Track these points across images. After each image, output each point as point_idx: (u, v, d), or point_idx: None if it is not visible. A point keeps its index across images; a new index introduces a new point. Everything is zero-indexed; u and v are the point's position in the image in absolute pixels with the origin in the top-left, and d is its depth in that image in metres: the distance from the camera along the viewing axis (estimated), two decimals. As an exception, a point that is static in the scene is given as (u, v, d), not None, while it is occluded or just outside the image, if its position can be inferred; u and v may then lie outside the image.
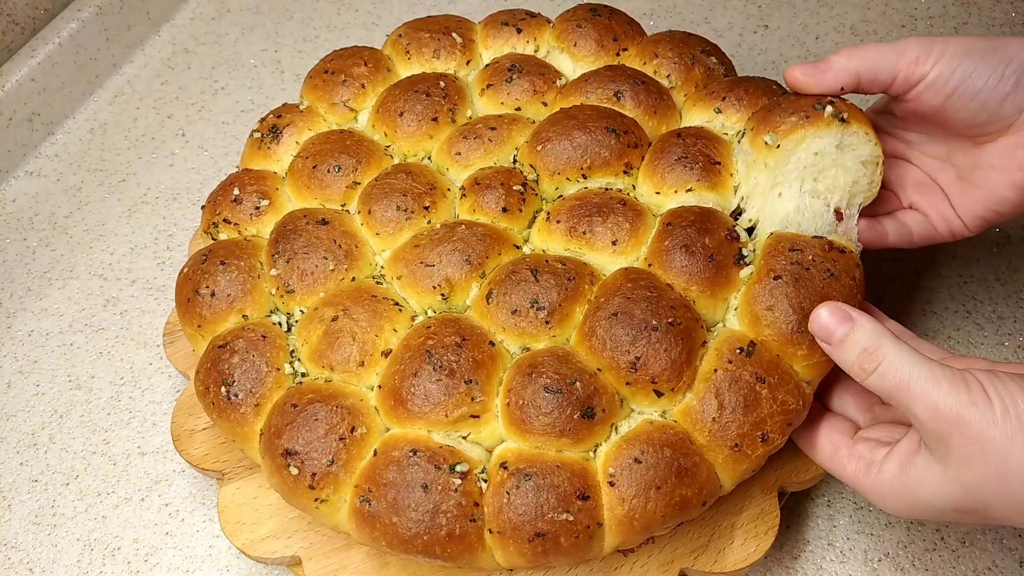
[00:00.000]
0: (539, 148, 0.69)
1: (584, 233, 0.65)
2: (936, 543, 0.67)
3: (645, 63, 0.76)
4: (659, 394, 0.58)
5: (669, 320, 0.59)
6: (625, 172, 0.69)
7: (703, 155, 0.67)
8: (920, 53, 0.60)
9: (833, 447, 0.58)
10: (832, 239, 0.63)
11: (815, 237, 0.63)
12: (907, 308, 0.80)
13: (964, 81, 0.60)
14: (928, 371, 0.51)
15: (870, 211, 0.67)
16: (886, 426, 0.59)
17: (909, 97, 0.62)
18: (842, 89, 0.63)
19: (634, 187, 0.69)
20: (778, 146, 0.63)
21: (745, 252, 0.63)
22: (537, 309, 0.61)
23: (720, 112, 0.70)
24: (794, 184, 0.63)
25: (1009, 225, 0.83)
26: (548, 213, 0.67)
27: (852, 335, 0.54)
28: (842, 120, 0.62)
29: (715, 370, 0.58)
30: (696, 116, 0.72)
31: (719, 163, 0.67)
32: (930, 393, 0.50)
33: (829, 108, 0.63)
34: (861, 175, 0.63)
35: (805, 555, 0.67)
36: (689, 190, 0.66)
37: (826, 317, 0.55)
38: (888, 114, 0.69)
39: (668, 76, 0.75)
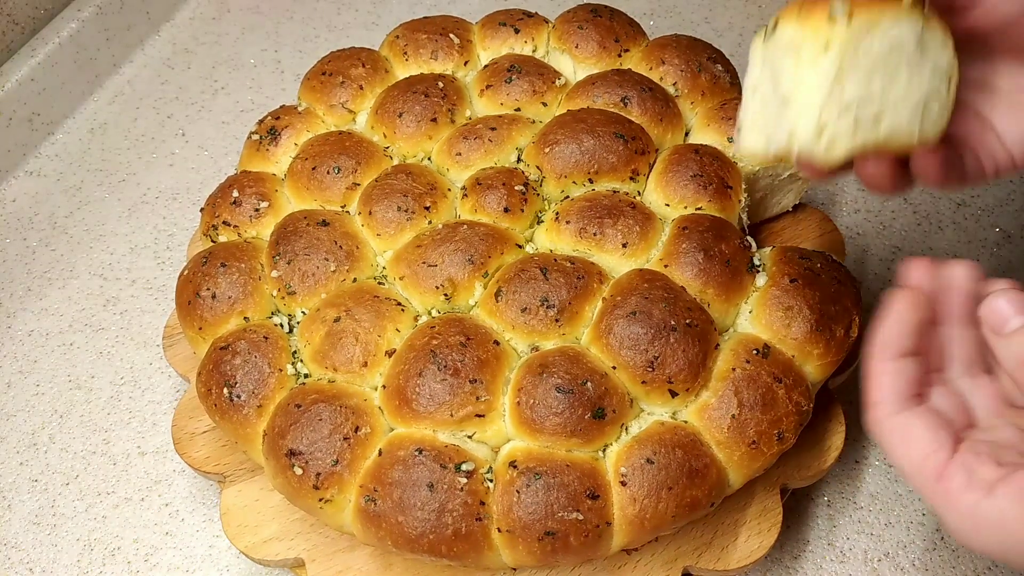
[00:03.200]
0: (547, 150, 0.69)
1: (595, 234, 0.65)
2: (936, 543, 0.67)
3: (651, 68, 0.76)
4: (674, 394, 0.59)
5: (687, 321, 0.60)
6: (631, 178, 0.69)
7: (718, 177, 0.68)
8: None
9: (931, 448, 0.47)
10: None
11: (816, 252, 0.64)
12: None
13: None
14: None
15: None
16: (1008, 429, 0.49)
17: (972, 2, 0.49)
18: None
19: (639, 193, 0.69)
20: (850, 20, 0.47)
21: (756, 261, 0.65)
22: (547, 307, 0.61)
23: (732, 142, 0.71)
24: (860, 78, 0.47)
25: (1009, 224, 0.84)
26: (557, 213, 0.67)
27: None
28: (923, 9, 0.48)
29: (733, 369, 0.59)
30: (708, 136, 0.73)
31: (731, 188, 0.68)
32: None
33: None
34: (936, 91, 0.49)
35: (805, 555, 0.67)
36: (699, 208, 0.67)
37: (1004, 305, 0.48)
38: None
39: (675, 84, 0.75)
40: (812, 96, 0.47)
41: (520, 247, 0.67)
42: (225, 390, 0.62)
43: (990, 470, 0.44)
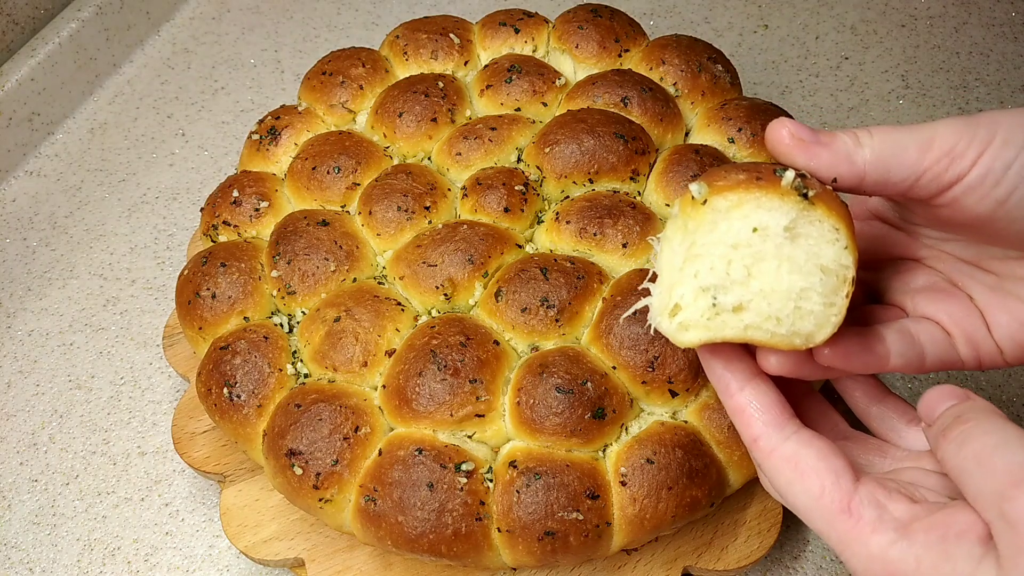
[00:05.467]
0: (547, 150, 0.69)
1: (595, 235, 0.65)
2: (937, 543, 0.67)
3: (651, 68, 0.76)
4: (674, 394, 0.59)
5: None
6: (632, 178, 0.69)
7: None
8: (955, 143, 0.41)
9: (829, 480, 0.41)
10: None
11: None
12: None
13: None
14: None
15: (856, 317, 0.48)
16: (912, 471, 0.44)
17: (939, 203, 0.43)
18: (835, 181, 0.44)
19: (640, 193, 0.69)
20: (704, 202, 0.43)
21: None
22: (547, 307, 0.61)
23: (733, 143, 0.71)
24: (715, 263, 0.43)
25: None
26: (557, 213, 0.67)
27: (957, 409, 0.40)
28: (804, 197, 0.42)
29: None
30: (708, 136, 0.72)
31: None
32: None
33: (790, 174, 0.43)
34: (814, 287, 0.42)
35: (805, 555, 0.67)
36: None
37: (934, 396, 0.42)
38: (895, 205, 0.49)
39: (675, 84, 0.75)
40: (667, 275, 0.45)
41: (520, 247, 0.67)
42: (225, 390, 0.62)
43: (903, 507, 0.39)
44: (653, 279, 0.47)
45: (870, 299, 0.51)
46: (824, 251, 0.42)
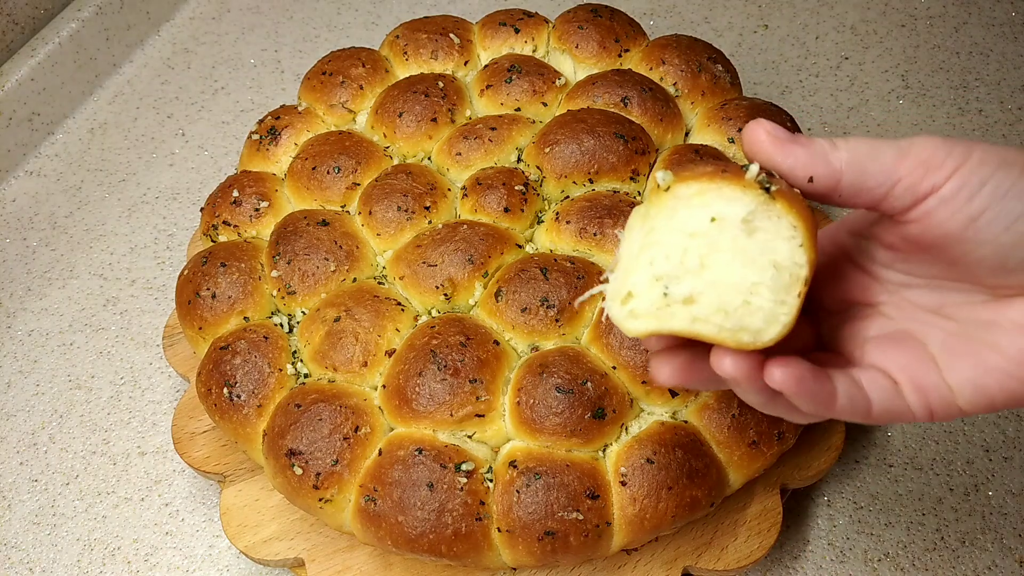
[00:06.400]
0: (547, 150, 0.69)
1: (595, 235, 0.65)
2: (936, 543, 0.67)
3: (651, 68, 0.76)
4: (674, 394, 0.59)
5: None
6: (632, 178, 0.69)
7: None
8: (932, 155, 0.41)
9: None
10: None
11: None
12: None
13: (999, 200, 0.40)
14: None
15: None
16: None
17: (911, 217, 0.42)
18: (810, 181, 0.43)
19: (640, 193, 0.69)
20: (667, 188, 0.43)
21: None
22: (547, 307, 0.61)
23: (733, 143, 0.71)
24: (671, 251, 0.42)
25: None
26: (557, 213, 0.67)
27: None
28: (767, 190, 0.41)
29: None
30: (708, 136, 0.72)
31: None
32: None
33: (755, 167, 0.42)
34: (765, 282, 0.41)
35: (805, 555, 0.67)
36: None
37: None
38: (862, 237, 0.48)
39: (675, 84, 0.75)
40: (624, 261, 0.44)
41: (520, 247, 0.67)
42: (225, 390, 0.62)
43: None
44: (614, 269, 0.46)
45: (820, 347, 0.49)
46: (780, 247, 0.41)
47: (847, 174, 0.42)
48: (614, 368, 0.60)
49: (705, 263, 0.42)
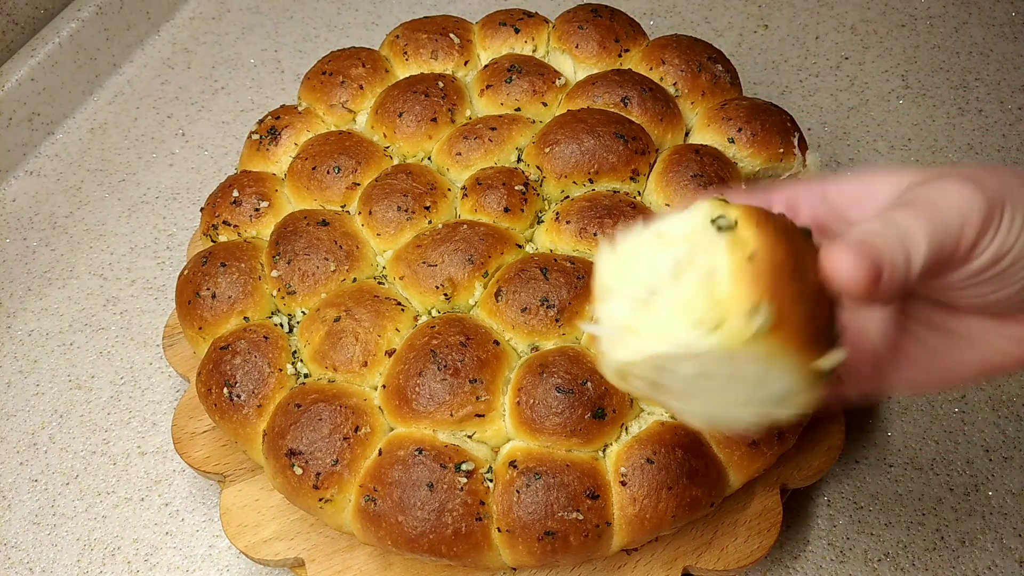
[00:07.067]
0: (547, 150, 0.69)
1: (595, 235, 0.65)
2: (936, 543, 0.67)
3: (652, 68, 0.76)
4: None
5: None
6: (632, 178, 0.69)
7: (718, 177, 0.68)
8: (983, 212, 0.38)
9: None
10: None
11: None
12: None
13: None
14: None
15: None
16: None
17: (954, 280, 0.40)
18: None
19: (640, 193, 0.69)
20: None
21: None
22: (547, 307, 0.61)
23: (733, 143, 0.71)
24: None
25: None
26: (557, 213, 0.67)
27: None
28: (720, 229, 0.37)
29: None
30: (708, 136, 0.72)
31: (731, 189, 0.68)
32: None
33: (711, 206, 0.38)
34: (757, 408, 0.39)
35: (805, 555, 0.67)
36: None
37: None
38: None
39: (675, 84, 0.75)
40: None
41: (520, 247, 0.67)
42: (225, 390, 0.62)
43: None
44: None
45: None
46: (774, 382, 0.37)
47: (931, 249, 0.38)
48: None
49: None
